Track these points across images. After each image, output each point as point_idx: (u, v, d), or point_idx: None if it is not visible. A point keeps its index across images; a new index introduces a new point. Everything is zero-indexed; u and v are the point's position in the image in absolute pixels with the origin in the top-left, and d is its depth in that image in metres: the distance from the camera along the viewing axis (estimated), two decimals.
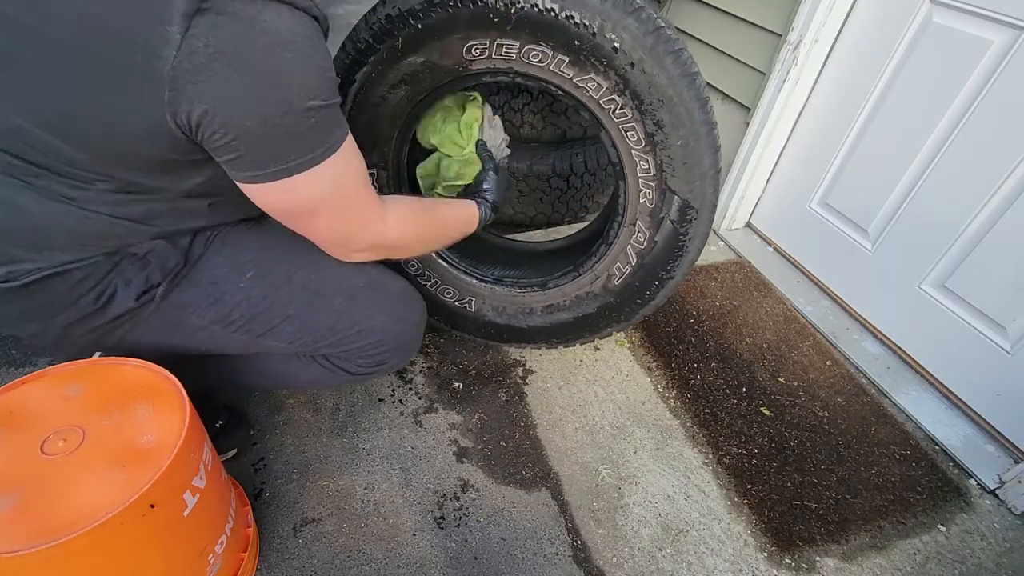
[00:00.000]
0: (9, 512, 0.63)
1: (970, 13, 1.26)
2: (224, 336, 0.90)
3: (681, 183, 1.07)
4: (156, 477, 0.67)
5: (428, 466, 1.17)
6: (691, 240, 1.14)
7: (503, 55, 0.98)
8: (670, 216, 1.11)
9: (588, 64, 0.97)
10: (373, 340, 0.97)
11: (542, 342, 1.36)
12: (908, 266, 1.48)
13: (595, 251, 1.25)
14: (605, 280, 1.24)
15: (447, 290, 1.32)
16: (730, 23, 1.77)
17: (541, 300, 1.30)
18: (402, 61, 1.00)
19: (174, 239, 0.82)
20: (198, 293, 0.85)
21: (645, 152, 1.05)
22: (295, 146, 0.68)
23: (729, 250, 1.89)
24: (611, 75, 0.97)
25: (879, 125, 1.49)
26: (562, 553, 1.06)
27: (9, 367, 1.24)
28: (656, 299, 1.23)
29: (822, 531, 1.13)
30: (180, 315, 0.86)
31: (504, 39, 0.96)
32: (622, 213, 1.16)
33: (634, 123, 1.02)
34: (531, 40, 0.96)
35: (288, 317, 0.90)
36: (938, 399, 1.42)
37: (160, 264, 0.81)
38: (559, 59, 0.97)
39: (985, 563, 1.11)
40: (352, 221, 0.82)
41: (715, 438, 1.28)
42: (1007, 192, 1.25)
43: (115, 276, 0.79)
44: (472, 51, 0.98)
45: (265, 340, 0.92)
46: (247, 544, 0.94)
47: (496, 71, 1.03)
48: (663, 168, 1.06)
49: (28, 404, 0.75)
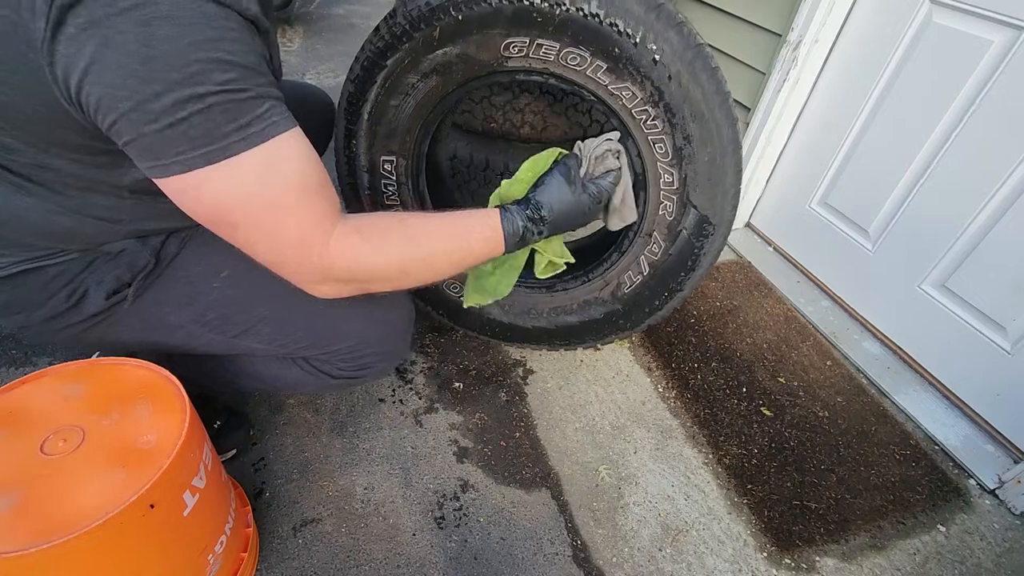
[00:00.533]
0: (9, 512, 0.63)
1: (970, 13, 1.26)
2: (203, 336, 0.89)
3: (703, 198, 1.08)
4: (156, 477, 0.67)
5: (428, 466, 1.17)
6: (704, 255, 1.15)
7: (541, 55, 0.99)
8: (688, 230, 1.12)
9: (626, 72, 0.97)
10: (352, 344, 0.95)
11: (545, 343, 1.36)
12: (908, 266, 1.48)
13: (607, 258, 1.25)
14: (615, 288, 1.24)
15: (452, 284, 1.32)
16: (730, 23, 1.77)
17: (548, 302, 1.30)
18: (437, 51, 1.00)
19: (146, 239, 0.81)
20: (174, 292, 0.84)
21: (671, 165, 1.06)
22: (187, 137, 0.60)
23: (729, 250, 1.89)
24: (647, 86, 0.97)
25: (879, 125, 1.49)
26: (562, 553, 1.06)
27: (9, 367, 1.25)
28: (663, 310, 1.23)
29: (822, 531, 1.13)
30: (158, 314, 0.85)
31: (544, 39, 0.96)
32: (639, 223, 1.15)
33: (664, 136, 1.03)
34: (571, 43, 0.96)
35: (264, 319, 0.89)
36: (938, 399, 1.42)
37: (129, 263, 0.80)
38: (597, 65, 0.97)
39: (985, 563, 1.11)
40: (283, 241, 0.69)
41: (715, 438, 1.28)
42: (1007, 192, 1.25)
43: (88, 275, 0.79)
44: (510, 48, 0.98)
45: (243, 341, 0.91)
46: (247, 544, 0.94)
47: (531, 70, 1.02)
48: (687, 182, 1.06)
49: (28, 404, 0.75)
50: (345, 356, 0.97)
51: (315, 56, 2.96)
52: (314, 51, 3.01)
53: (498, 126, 1.59)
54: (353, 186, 1.22)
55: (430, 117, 1.11)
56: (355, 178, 1.20)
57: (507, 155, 1.65)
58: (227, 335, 0.90)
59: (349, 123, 1.13)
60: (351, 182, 1.21)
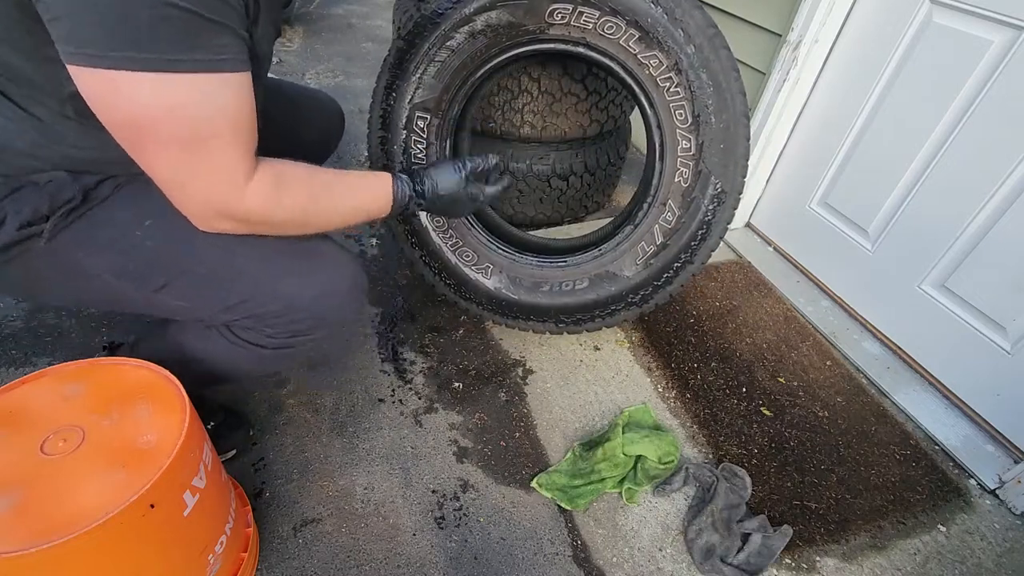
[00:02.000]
0: (9, 512, 0.63)
1: (970, 13, 1.26)
2: (122, 289, 0.84)
3: (717, 165, 1.16)
4: (156, 477, 0.67)
5: (428, 466, 1.17)
6: (716, 224, 1.20)
7: (581, 23, 1.11)
8: (702, 196, 1.17)
9: (655, 42, 1.09)
10: (281, 307, 0.88)
11: (551, 321, 1.33)
12: (908, 266, 1.48)
13: (619, 231, 1.28)
14: (626, 260, 1.26)
15: (465, 252, 1.32)
16: (730, 23, 1.77)
17: (558, 276, 1.30)
18: (486, 12, 1.12)
19: (79, 175, 0.77)
20: (94, 236, 0.80)
21: (689, 131, 1.15)
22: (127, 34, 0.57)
23: (729, 250, 1.89)
24: (674, 54, 1.10)
25: (879, 125, 1.49)
26: (562, 553, 1.06)
27: (9, 367, 1.24)
28: (672, 284, 1.25)
29: (822, 531, 1.13)
30: (75, 257, 0.80)
31: (586, 7, 1.09)
32: (654, 193, 1.21)
33: (684, 102, 1.13)
34: (610, 12, 1.09)
35: (185, 272, 0.84)
36: (938, 399, 1.42)
37: (52, 195, 0.75)
38: (630, 34, 1.10)
39: (985, 563, 1.11)
40: (199, 167, 0.69)
41: (715, 438, 1.28)
42: (1007, 192, 1.25)
43: (8, 202, 0.74)
44: (554, 15, 1.11)
45: (163, 298, 0.85)
46: (247, 544, 0.94)
47: (570, 40, 1.14)
48: (703, 148, 1.15)
49: (28, 404, 0.75)
50: (274, 321, 0.90)
51: (314, 56, 2.96)
52: (313, 51, 3.01)
53: (496, 126, 1.59)
54: (383, 140, 1.27)
55: (469, 81, 1.22)
56: (388, 131, 1.26)
57: (507, 155, 1.65)
58: (146, 289, 0.84)
59: (392, 77, 1.23)
60: (383, 136, 1.27)
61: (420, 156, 1.27)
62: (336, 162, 2.10)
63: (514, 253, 1.33)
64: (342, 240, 1.71)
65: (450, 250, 1.32)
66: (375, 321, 1.48)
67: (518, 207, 1.76)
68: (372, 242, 1.74)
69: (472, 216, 1.33)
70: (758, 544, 1.06)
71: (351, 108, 2.50)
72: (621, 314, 1.29)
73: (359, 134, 2.29)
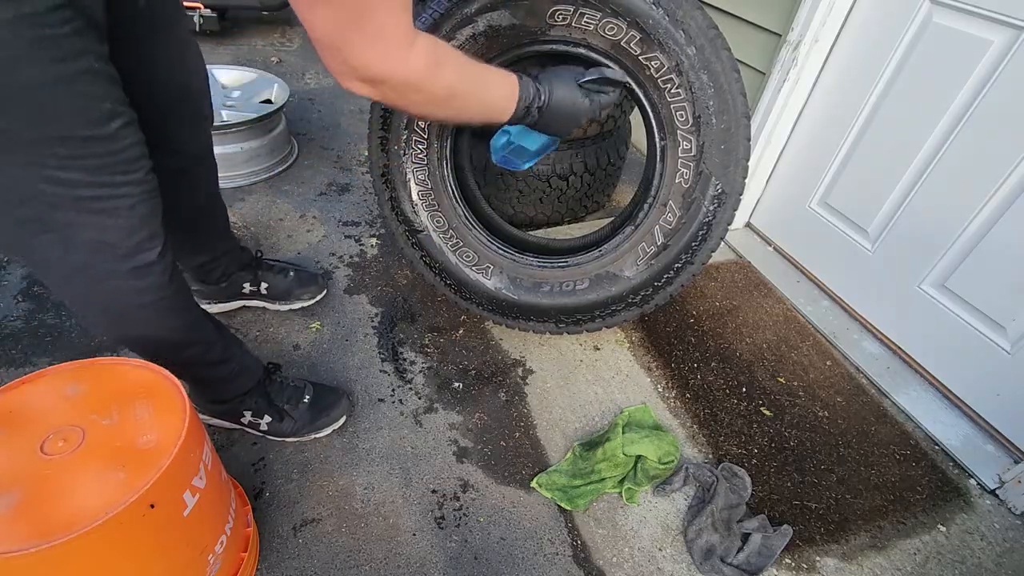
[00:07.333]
0: (9, 512, 0.63)
1: (970, 13, 1.26)
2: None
3: (717, 166, 1.16)
4: (156, 477, 0.67)
5: (428, 466, 1.17)
6: (716, 225, 1.20)
7: (583, 24, 1.11)
8: (702, 197, 1.17)
9: (656, 43, 1.09)
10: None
11: (551, 322, 1.33)
12: (908, 266, 1.48)
13: (620, 231, 1.28)
14: (627, 260, 1.26)
15: (466, 252, 1.33)
16: (730, 23, 1.77)
17: (559, 276, 1.30)
18: (488, 13, 1.11)
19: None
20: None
21: (690, 132, 1.15)
22: None
23: (729, 250, 1.89)
24: (675, 55, 1.09)
25: (879, 125, 1.49)
26: (562, 553, 1.06)
27: (9, 367, 1.24)
28: (672, 285, 1.25)
29: (822, 531, 1.13)
30: None
31: (587, 9, 1.09)
32: (655, 194, 1.21)
33: (685, 103, 1.13)
34: (611, 14, 1.08)
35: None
36: (938, 399, 1.42)
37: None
38: (631, 35, 1.09)
39: (985, 563, 1.11)
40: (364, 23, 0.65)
41: (715, 438, 1.28)
42: (1007, 192, 1.25)
43: None
44: (556, 16, 1.10)
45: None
46: (247, 544, 0.94)
47: (571, 41, 1.14)
48: (704, 149, 1.14)
49: (28, 404, 0.75)
50: None
51: (314, 56, 2.95)
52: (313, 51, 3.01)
53: None
54: (383, 140, 1.28)
55: None
56: (388, 131, 1.27)
57: None
58: None
59: None
60: (383, 136, 1.28)
61: (421, 156, 1.28)
62: (336, 162, 2.10)
63: (514, 253, 1.33)
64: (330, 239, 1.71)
65: (450, 250, 1.33)
66: (375, 321, 1.48)
67: (518, 207, 1.76)
68: (372, 242, 1.74)
69: (472, 216, 1.33)
70: (758, 544, 1.06)
71: (351, 108, 2.50)
72: (621, 314, 1.29)
73: (359, 134, 2.29)
